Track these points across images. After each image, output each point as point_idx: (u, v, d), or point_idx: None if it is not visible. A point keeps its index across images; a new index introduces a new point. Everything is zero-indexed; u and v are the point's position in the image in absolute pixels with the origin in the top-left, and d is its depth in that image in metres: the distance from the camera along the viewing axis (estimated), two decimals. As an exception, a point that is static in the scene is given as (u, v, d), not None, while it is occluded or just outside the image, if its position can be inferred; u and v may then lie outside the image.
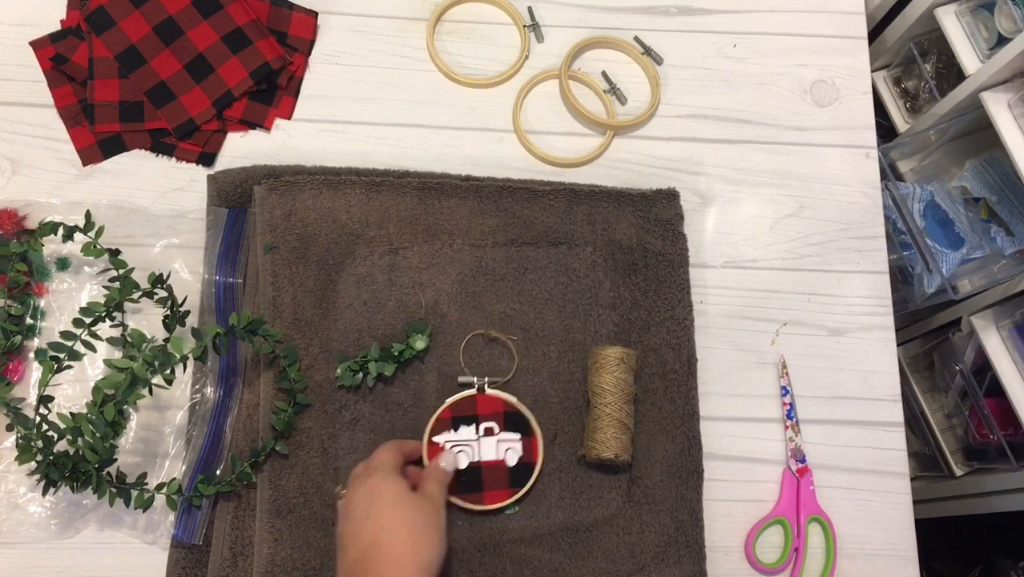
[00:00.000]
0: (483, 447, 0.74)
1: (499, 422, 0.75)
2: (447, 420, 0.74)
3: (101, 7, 0.85)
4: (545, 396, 0.78)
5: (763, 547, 0.79)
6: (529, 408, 0.77)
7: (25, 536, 0.73)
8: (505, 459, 0.74)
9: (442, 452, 0.73)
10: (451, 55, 0.91)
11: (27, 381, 0.77)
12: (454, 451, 0.73)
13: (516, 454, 0.74)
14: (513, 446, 0.75)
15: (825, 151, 0.91)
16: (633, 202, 0.84)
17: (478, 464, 0.74)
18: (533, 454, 0.75)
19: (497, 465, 0.74)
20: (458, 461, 0.73)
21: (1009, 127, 1.12)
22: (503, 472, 0.74)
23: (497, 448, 0.74)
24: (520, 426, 0.75)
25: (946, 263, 1.24)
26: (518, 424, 0.75)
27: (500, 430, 0.75)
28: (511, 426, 0.75)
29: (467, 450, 0.74)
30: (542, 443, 0.75)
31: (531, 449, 0.75)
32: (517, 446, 0.75)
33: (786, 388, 0.82)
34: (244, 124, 0.87)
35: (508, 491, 0.74)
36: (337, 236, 0.80)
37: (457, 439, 0.74)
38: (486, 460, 0.74)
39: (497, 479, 0.74)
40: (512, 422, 0.75)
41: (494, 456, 0.74)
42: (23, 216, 0.81)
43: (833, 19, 0.96)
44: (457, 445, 0.74)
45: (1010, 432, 1.22)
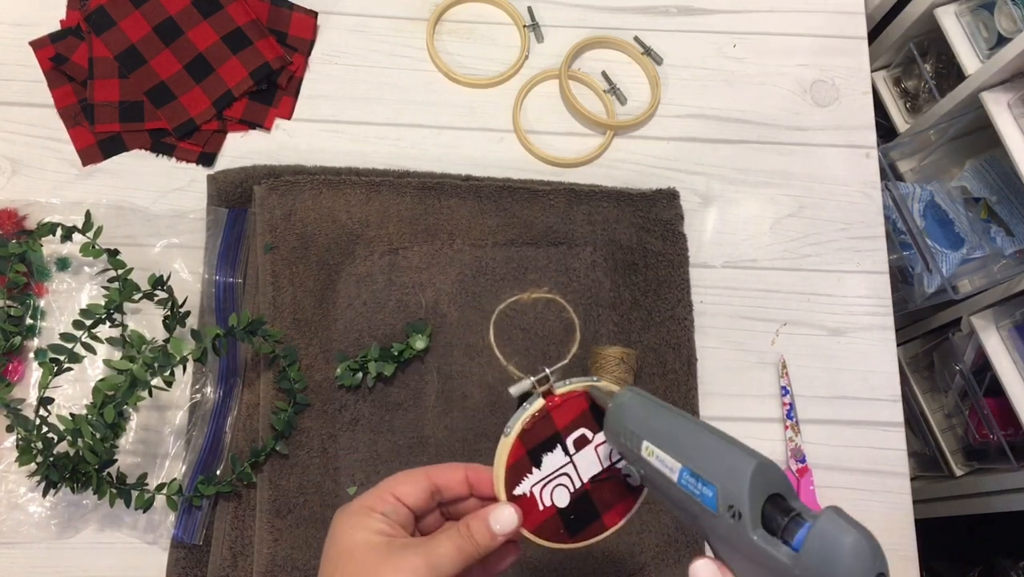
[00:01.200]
0: (582, 466, 0.52)
1: (588, 423, 0.52)
2: (523, 460, 0.51)
3: (101, 7, 0.85)
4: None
5: (763, 547, 0.79)
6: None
7: (25, 536, 0.73)
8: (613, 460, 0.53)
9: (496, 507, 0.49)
10: (451, 55, 0.91)
11: (27, 381, 0.77)
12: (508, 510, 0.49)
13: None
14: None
15: (825, 151, 0.91)
16: (633, 202, 0.84)
17: (583, 489, 0.52)
18: None
19: (605, 476, 0.53)
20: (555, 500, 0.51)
21: (1009, 127, 1.12)
22: (616, 480, 0.53)
23: (599, 455, 0.52)
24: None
25: (946, 263, 1.24)
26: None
27: (594, 433, 0.52)
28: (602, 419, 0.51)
29: (564, 481, 0.52)
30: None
31: None
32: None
33: (786, 388, 0.82)
34: (244, 124, 0.87)
35: (630, 498, 0.53)
36: (337, 236, 0.80)
37: (545, 474, 0.51)
38: (590, 477, 0.52)
39: (612, 492, 0.53)
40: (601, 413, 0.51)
41: (598, 467, 0.52)
42: (23, 216, 0.81)
43: (833, 19, 0.96)
44: (548, 481, 0.51)
45: (1010, 432, 1.23)
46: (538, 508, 0.51)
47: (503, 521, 0.48)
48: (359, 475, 0.74)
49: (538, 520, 0.51)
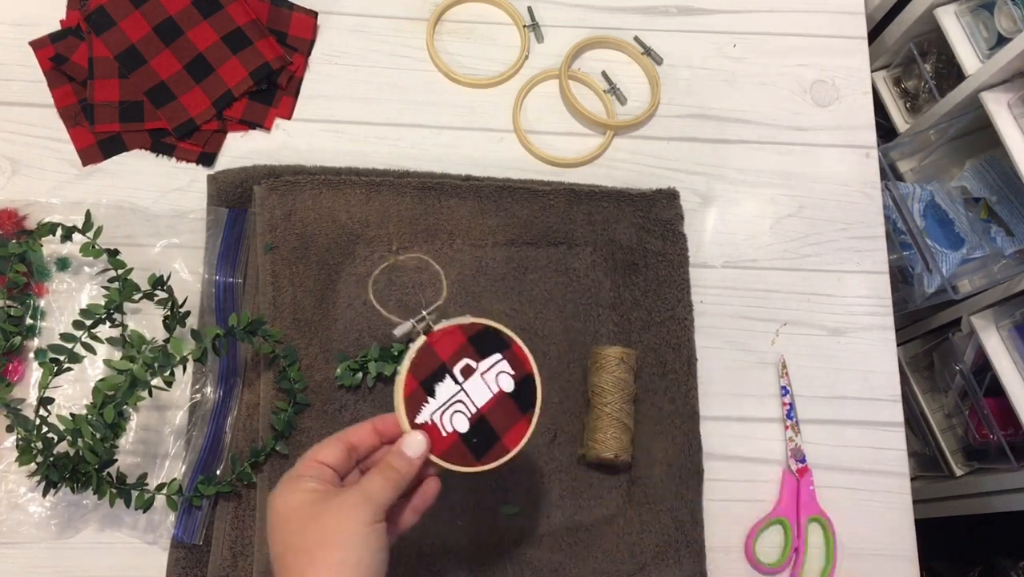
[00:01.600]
0: (473, 392, 0.59)
1: (470, 354, 0.59)
2: (417, 391, 0.58)
3: (101, 7, 0.85)
4: (545, 396, 0.78)
5: (763, 547, 0.79)
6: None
7: (25, 536, 0.73)
8: (501, 388, 0.59)
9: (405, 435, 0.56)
10: (451, 55, 0.91)
11: (27, 381, 0.77)
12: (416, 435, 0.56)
13: (509, 376, 0.60)
14: (501, 369, 0.60)
15: (825, 151, 0.91)
16: (633, 202, 0.84)
17: (479, 414, 0.58)
18: (525, 364, 0.60)
19: (497, 400, 0.59)
20: (456, 425, 0.58)
21: (1009, 127, 1.12)
22: (507, 403, 0.59)
23: (487, 382, 0.59)
24: (493, 344, 0.60)
25: (946, 263, 1.24)
26: (489, 343, 0.60)
27: (477, 362, 0.59)
28: (484, 350, 0.60)
29: (460, 408, 0.58)
30: (526, 347, 0.61)
31: (519, 360, 0.60)
32: (505, 366, 0.60)
33: (786, 388, 0.82)
34: (244, 124, 0.87)
35: (524, 418, 0.60)
36: (337, 236, 0.80)
37: (441, 403, 0.58)
38: (483, 403, 0.59)
39: (506, 415, 0.59)
40: (482, 345, 0.60)
41: (489, 393, 0.59)
42: (23, 216, 0.81)
43: (833, 19, 0.96)
44: (445, 408, 0.58)
45: (1010, 432, 1.22)
46: (441, 434, 0.57)
47: (413, 446, 0.55)
48: (359, 475, 0.74)
49: (444, 446, 0.57)
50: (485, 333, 0.60)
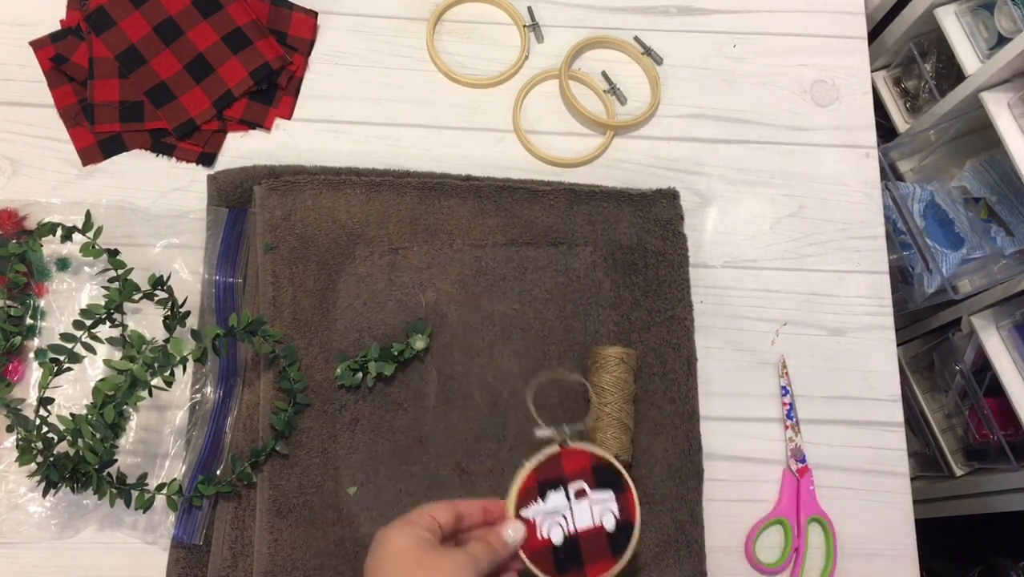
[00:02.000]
0: (577, 514, 0.63)
1: (588, 480, 0.64)
2: (532, 489, 0.63)
3: (101, 7, 0.85)
4: (545, 396, 0.78)
5: (763, 547, 0.79)
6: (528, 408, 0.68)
7: (25, 536, 0.73)
8: (603, 524, 0.63)
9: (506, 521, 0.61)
10: (451, 55, 0.91)
11: (27, 381, 0.77)
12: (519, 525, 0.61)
13: (613, 516, 0.64)
14: (609, 507, 0.64)
15: (825, 151, 0.91)
16: (633, 202, 0.84)
17: (575, 535, 0.62)
18: (630, 512, 0.64)
19: (595, 533, 0.63)
20: (551, 535, 0.62)
21: (1009, 127, 1.12)
22: (602, 539, 0.63)
23: (593, 513, 0.63)
24: (611, 481, 0.65)
25: (946, 263, 1.24)
26: (608, 479, 0.65)
27: (592, 490, 0.64)
28: (601, 483, 0.64)
29: (561, 521, 0.63)
30: (637, 498, 0.65)
31: (627, 506, 0.64)
32: (613, 506, 0.64)
33: (786, 388, 0.82)
34: (244, 124, 0.87)
35: (611, 560, 0.63)
36: (337, 236, 0.80)
37: (548, 509, 0.63)
38: (583, 528, 0.63)
39: (597, 548, 0.63)
40: (602, 478, 0.65)
41: (591, 523, 0.63)
42: (23, 216, 0.81)
43: (833, 19, 0.96)
44: (549, 517, 0.62)
45: (1010, 432, 1.22)
46: (536, 535, 0.62)
47: (513, 532, 0.61)
48: (359, 475, 0.74)
49: (534, 547, 0.62)
50: (609, 469, 0.65)
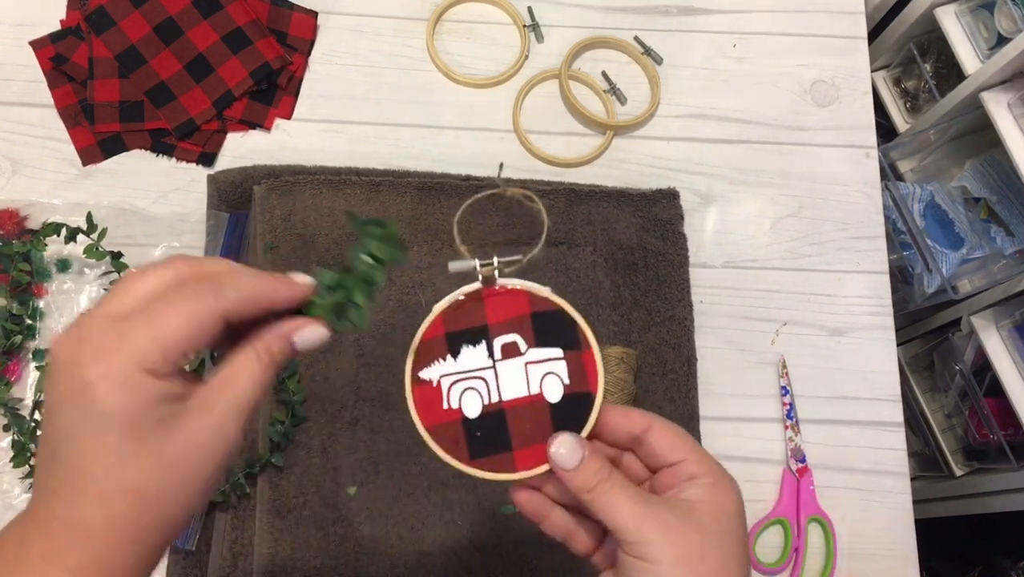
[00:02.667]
0: (504, 377, 0.45)
1: (525, 332, 0.45)
2: (439, 339, 0.45)
3: (101, 7, 0.85)
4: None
5: (763, 547, 0.79)
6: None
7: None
8: (542, 392, 0.45)
9: (307, 325, 0.41)
10: (451, 55, 0.91)
11: (25, 381, 0.77)
12: (321, 331, 0.42)
13: (559, 381, 0.45)
14: (553, 369, 0.45)
15: (825, 151, 0.91)
16: (633, 202, 0.84)
17: (498, 406, 0.44)
18: (589, 378, 0.44)
19: (530, 403, 0.44)
20: (463, 404, 0.45)
21: (1009, 127, 1.12)
22: (542, 413, 0.44)
23: (528, 375, 0.45)
24: (559, 334, 0.45)
25: (946, 263, 1.24)
26: (556, 332, 0.45)
27: (529, 346, 0.45)
28: (546, 335, 0.45)
29: (478, 386, 0.45)
30: (599, 358, 0.45)
31: (583, 370, 0.45)
32: (559, 368, 0.45)
33: (786, 388, 0.82)
34: (244, 124, 0.86)
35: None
36: (337, 236, 0.80)
37: (458, 370, 0.45)
38: (511, 398, 0.44)
39: (533, 425, 0.44)
40: (548, 329, 0.45)
41: (524, 390, 0.45)
42: (24, 216, 0.81)
43: (833, 19, 0.96)
44: (461, 379, 0.45)
45: (1010, 432, 1.23)
46: (441, 405, 0.44)
47: (307, 336, 0.41)
48: (359, 475, 0.74)
49: (437, 419, 0.44)
50: (556, 317, 0.45)
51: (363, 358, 0.77)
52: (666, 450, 0.44)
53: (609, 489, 0.42)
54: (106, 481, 0.34)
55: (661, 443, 0.44)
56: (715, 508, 0.42)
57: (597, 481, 0.42)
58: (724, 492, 0.43)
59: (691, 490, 0.42)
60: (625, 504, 0.41)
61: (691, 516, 0.41)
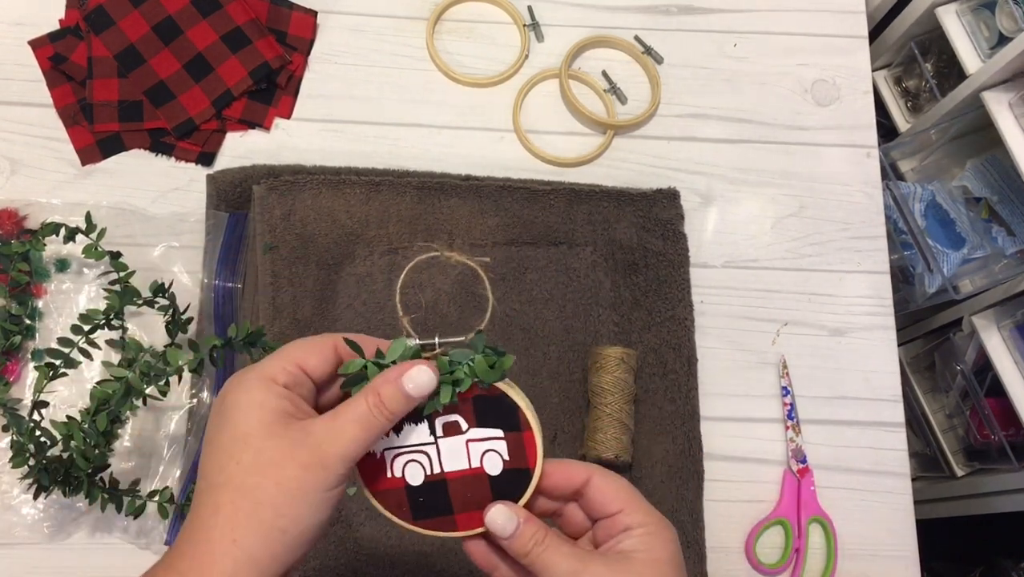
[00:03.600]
0: (445, 452, 0.47)
1: (466, 414, 0.47)
2: None
3: (100, 6, 0.85)
4: (545, 396, 0.78)
5: (764, 548, 0.79)
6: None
7: (18, 538, 0.73)
8: (483, 465, 0.47)
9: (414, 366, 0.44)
10: (451, 54, 0.91)
11: (24, 382, 0.77)
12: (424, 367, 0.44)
13: (499, 458, 0.47)
14: (494, 447, 0.47)
15: (826, 151, 0.91)
16: (633, 202, 0.84)
17: (440, 476, 0.47)
18: (527, 456, 0.47)
19: (471, 475, 0.47)
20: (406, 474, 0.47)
21: (1010, 127, 1.12)
22: (482, 484, 0.47)
23: (468, 452, 0.47)
24: (502, 415, 0.47)
25: (947, 263, 1.24)
26: (499, 413, 0.47)
27: (470, 426, 0.47)
28: (487, 417, 0.47)
29: (420, 459, 0.47)
30: (540, 438, 0.47)
31: (522, 448, 0.47)
32: (500, 446, 0.47)
33: (787, 388, 0.82)
34: (243, 123, 0.86)
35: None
36: (337, 236, 0.80)
37: (400, 445, 0.47)
38: (452, 470, 0.47)
39: (474, 493, 0.47)
40: (489, 411, 0.47)
41: (465, 464, 0.47)
42: (23, 216, 0.80)
43: (834, 18, 0.96)
44: (403, 453, 0.47)
45: (1011, 432, 1.22)
46: (385, 473, 0.47)
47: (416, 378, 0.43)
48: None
49: (381, 486, 0.47)
50: (498, 400, 0.47)
51: (363, 358, 0.77)
52: (604, 502, 0.46)
53: (544, 551, 0.44)
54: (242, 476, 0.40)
55: (599, 495, 0.46)
56: (650, 558, 0.44)
57: (532, 545, 0.45)
58: (660, 541, 0.45)
59: (626, 541, 0.44)
60: (562, 564, 0.44)
61: (626, 568, 0.43)
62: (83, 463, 0.65)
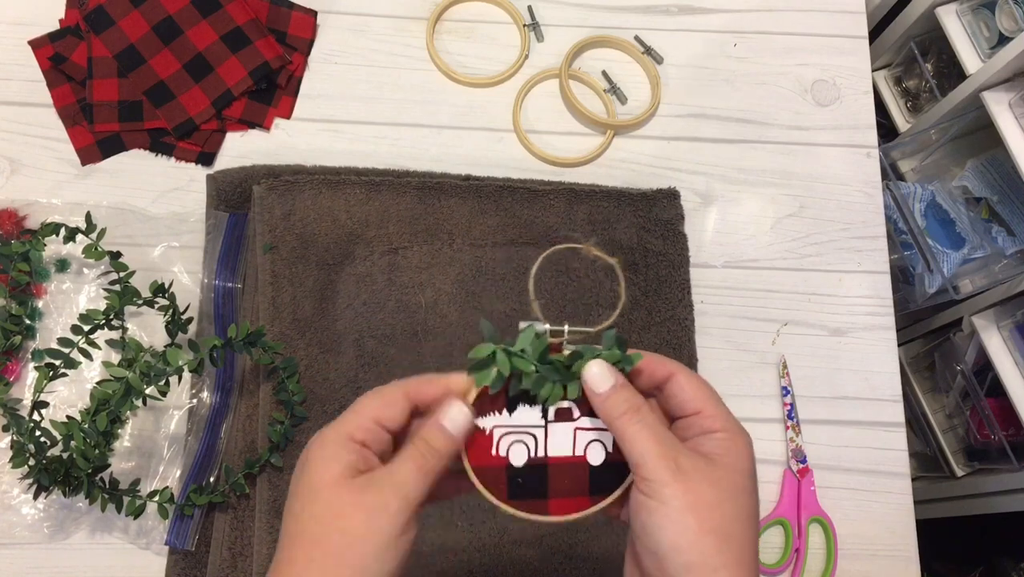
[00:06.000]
0: (552, 437, 0.49)
1: (580, 401, 0.49)
2: (499, 396, 0.48)
3: (100, 6, 0.85)
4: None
5: (764, 547, 0.79)
6: None
7: (17, 538, 0.73)
8: (586, 455, 0.49)
9: (447, 404, 0.46)
10: (451, 54, 0.91)
11: (24, 382, 0.77)
12: (460, 406, 0.46)
13: (603, 449, 0.49)
14: (600, 438, 0.49)
15: (826, 151, 0.91)
16: (633, 202, 0.84)
17: (543, 461, 0.48)
18: None
19: (572, 463, 0.49)
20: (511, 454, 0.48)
21: (1010, 127, 1.12)
22: (581, 473, 0.49)
23: (575, 439, 0.49)
24: None
25: (947, 263, 1.24)
26: None
27: (582, 414, 0.49)
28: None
29: (527, 440, 0.49)
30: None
31: None
32: (607, 438, 0.48)
33: (787, 388, 0.82)
34: (243, 124, 0.86)
35: (588, 499, 0.49)
36: (337, 236, 0.80)
37: (512, 424, 0.48)
38: (556, 455, 0.48)
39: (572, 482, 0.49)
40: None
41: (570, 451, 0.48)
42: (23, 216, 0.80)
43: (834, 18, 0.96)
44: (511, 433, 0.48)
45: (1011, 432, 1.22)
46: (490, 451, 0.48)
47: (452, 416, 0.45)
48: (358, 476, 0.74)
49: (484, 462, 0.48)
50: None
51: (363, 358, 0.77)
52: (685, 400, 0.45)
53: (636, 421, 0.44)
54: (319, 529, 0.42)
55: (681, 392, 0.46)
56: (729, 463, 0.43)
57: (625, 408, 0.44)
58: (738, 448, 0.44)
59: (708, 443, 0.44)
60: (649, 439, 0.43)
61: (707, 468, 0.43)
62: (83, 463, 0.65)
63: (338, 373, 0.77)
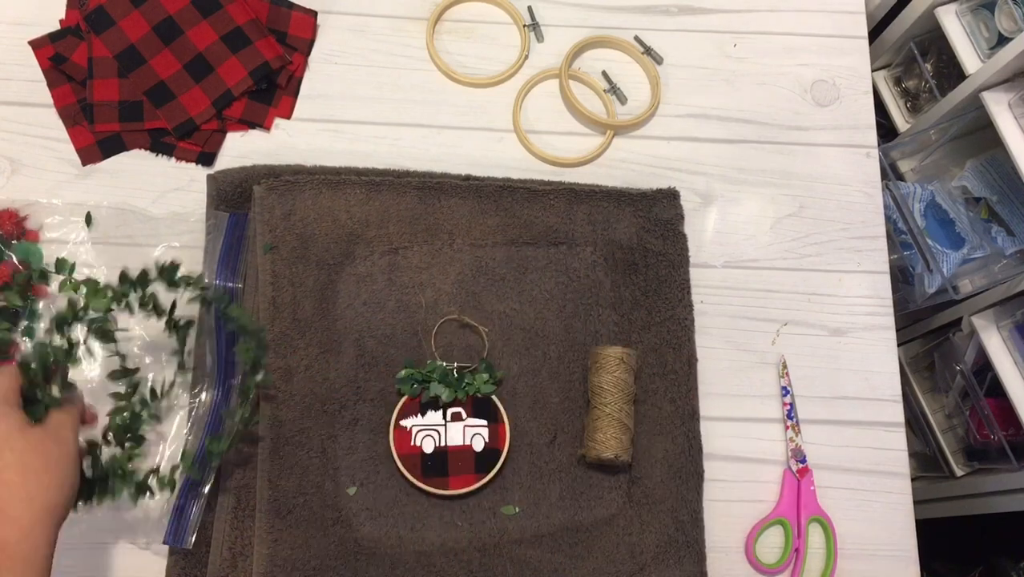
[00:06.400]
0: (450, 432, 0.75)
1: (467, 408, 0.76)
2: (416, 404, 0.76)
3: (100, 7, 0.85)
4: (545, 396, 0.78)
5: (763, 547, 0.79)
6: (528, 408, 0.77)
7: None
8: (471, 444, 0.75)
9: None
10: (451, 55, 0.91)
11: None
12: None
13: (482, 440, 0.75)
14: (480, 432, 0.75)
15: (825, 151, 0.91)
16: (633, 202, 0.84)
17: (444, 448, 0.75)
18: (500, 440, 0.75)
19: (463, 450, 0.75)
20: (423, 444, 0.74)
21: (1010, 127, 1.12)
22: (469, 457, 0.75)
23: (464, 433, 0.75)
24: (488, 413, 0.76)
25: (947, 263, 1.24)
26: (486, 411, 0.76)
27: (468, 416, 0.76)
28: (479, 412, 0.76)
29: (433, 435, 0.75)
30: (509, 429, 0.76)
31: (498, 435, 0.75)
32: (484, 432, 0.75)
33: (786, 388, 0.82)
34: (243, 124, 0.86)
35: (474, 476, 0.74)
36: (337, 236, 0.80)
37: (424, 423, 0.75)
38: (453, 445, 0.75)
39: (463, 464, 0.74)
40: (481, 409, 0.76)
41: (461, 441, 0.75)
42: (24, 216, 0.80)
43: (833, 19, 0.96)
44: (423, 429, 0.75)
45: (1011, 432, 1.22)
46: (409, 442, 0.75)
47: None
48: (359, 475, 0.74)
49: (405, 450, 0.74)
50: (486, 401, 0.76)
51: (363, 359, 0.77)
52: None
53: None
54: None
55: None
56: None
57: None
58: None
59: None
60: None
61: None
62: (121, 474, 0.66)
63: (338, 373, 0.77)
